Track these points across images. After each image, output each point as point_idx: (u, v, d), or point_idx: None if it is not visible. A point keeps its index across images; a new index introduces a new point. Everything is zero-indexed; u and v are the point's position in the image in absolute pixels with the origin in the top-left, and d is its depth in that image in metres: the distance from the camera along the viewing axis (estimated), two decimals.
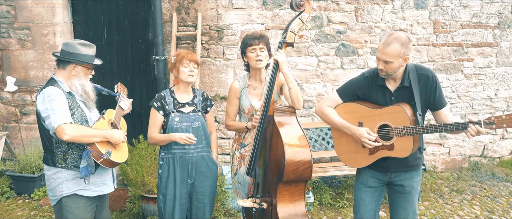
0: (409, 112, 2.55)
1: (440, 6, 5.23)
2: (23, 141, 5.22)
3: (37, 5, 5.08)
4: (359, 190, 2.87)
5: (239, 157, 3.29)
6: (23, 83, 5.23)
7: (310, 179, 2.84)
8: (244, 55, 3.15)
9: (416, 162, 2.75)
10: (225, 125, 3.36)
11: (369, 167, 2.79)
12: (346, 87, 2.82)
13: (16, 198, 4.76)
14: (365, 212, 2.84)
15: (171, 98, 3.11)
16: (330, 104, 2.83)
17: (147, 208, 4.13)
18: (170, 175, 3.08)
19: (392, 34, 2.56)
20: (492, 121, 2.33)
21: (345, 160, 2.87)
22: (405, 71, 2.62)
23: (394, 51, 2.49)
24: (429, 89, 2.60)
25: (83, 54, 2.69)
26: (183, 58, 3.03)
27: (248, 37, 3.12)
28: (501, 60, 5.50)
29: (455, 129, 2.41)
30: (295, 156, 2.73)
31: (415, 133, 2.51)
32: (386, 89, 2.67)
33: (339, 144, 2.86)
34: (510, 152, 5.76)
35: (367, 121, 2.68)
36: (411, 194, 2.78)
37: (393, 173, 2.75)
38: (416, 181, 2.78)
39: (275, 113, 2.88)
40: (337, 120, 2.77)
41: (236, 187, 3.38)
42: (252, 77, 3.22)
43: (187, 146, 3.04)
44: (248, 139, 3.24)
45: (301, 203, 2.89)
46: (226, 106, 3.32)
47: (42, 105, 2.57)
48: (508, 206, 4.62)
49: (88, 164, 2.57)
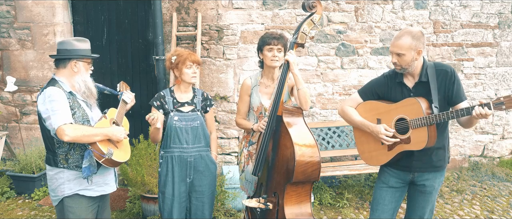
0: (424, 104, 2.57)
1: (440, 6, 5.23)
2: (23, 141, 5.21)
3: (37, 5, 5.08)
4: (379, 189, 2.88)
5: (247, 155, 3.30)
6: (23, 83, 5.23)
7: (317, 180, 2.84)
8: (260, 52, 3.15)
9: (440, 163, 2.74)
10: (235, 122, 3.39)
11: (392, 166, 2.80)
12: (366, 87, 2.88)
13: (16, 198, 4.75)
14: (383, 212, 2.84)
15: (171, 98, 3.11)
16: (351, 104, 2.89)
17: (147, 208, 4.13)
18: (169, 173, 3.10)
19: (404, 29, 2.63)
20: (501, 101, 2.32)
21: (367, 159, 2.90)
22: (423, 67, 2.65)
23: (405, 43, 2.55)
24: (447, 84, 2.61)
25: (81, 49, 2.69)
26: (186, 60, 3.02)
27: (267, 36, 3.12)
28: (501, 60, 5.50)
29: (466, 113, 2.41)
30: (304, 157, 2.73)
31: (429, 123, 2.52)
32: (405, 86, 2.70)
33: (360, 143, 2.90)
34: (510, 151, 5.77)
35: (385, 116, 2.72)
36: (432, 194, 2.78)
37: (417, 173, 2.75)
38: (438, 182, 2.78)
39: (284, 114, 2.88)
40: (357, 119, 2.82)
41: (243, 184, 3.39)
42: (264, 76, 3.23)
43: (185, 145, 3.05)
44: (256, 137, 3.25)
45: (307, 204, 2.89)
46: (237, 102, 3.34)
47: (42, 106, 2.56)
48: (508, 206, 4.63)
49: (90, 164, 2.57)
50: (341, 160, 5.20)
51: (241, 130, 4.97)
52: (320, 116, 5.27)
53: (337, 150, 4.98)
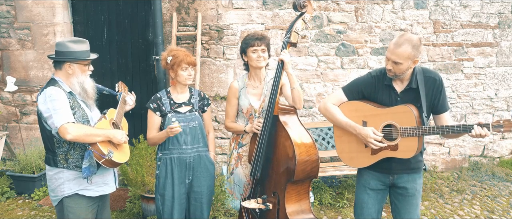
0: (416, 113, 2.54)
1: (440, 6, 5.23)
2: (23, 141, 5.22)
3: (37, 5, 5.08)
4: (361, 192, 2.83)
5: (237, 157, 3.27)
6: (23, 83, 5.23)
7: (316, 177, 2.85)
8: (244, 55, 3.14)
9: (418, 164, 2.73)
10: (225, 126, 3.35)
11: (371, 168, 2.75)
12: (352, 85, 2.78)
13: (16, 198, 4.76)
14: (368, 215, 2.81)
15: (168, 99, 3.09)
16: (334, 102, 2.78)
17: (147, 208, 4.13)
18: (168, 176, 3.07)
19: (404, 35, 2.53)
20: (501, 124, 2.32)
21: (346, 159, 2.84)
22: (413, 73, 2.60)
23: (404, 52, 2.46)
24: (434, 93, 2.59)
25: (76, 51, 2.67)
26: (181, 62, 2.98)
27: (250, 37, 3.11)
28: (501, 60, 5.50)
29: (462, 131, 2.39)
30: (304, 155, 2.75)
31: (421, 134, 2.49)
32: (393, 90, 2.65)
33: (340, 142, 2.82)
34: (510, 151, 5.77)
35: (372, 120, 2.65)
36: (415, 197, 2.74)
37: (396, 175, 2.72)
38: (419, 183, 2.75)
39: (280, 113, 2.88)
40: (341, 119, 2.72)
41: (231, 187, 3.35)
42: (251, 77, 3.21)
43: (184, 145, 3.04)
44: (246, 138, 3.22)
45: (306, 201, 2.91)
46: (226, 106, 3.32)
47: (43, 106, 2.56)
48: (508, 206, 4.62)
49: (90, 164, 2.57)
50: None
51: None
52: (320, 115, 5.27)
53: None
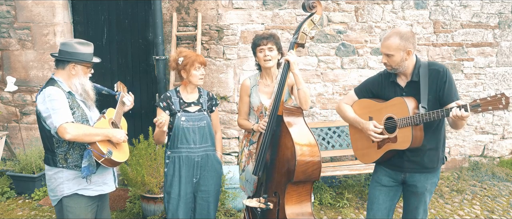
0: (411, 104, 2.57)
1: (440, 6, 5.23)
2: (23, 141, 5.22)
3: (37, 5, 5.08)
4: (373, 188, 2.91)
5: (248, 154, 3.31)
6: (23, 83, 5.23)
7: (318, 179, 2.85)
8: (255, 56, 3.20)
9: (432, 164, 2.72)
10: (237, 123, 3.42)
11: (384, 165, 2.82)
12: (362, 85, 2.92)
13: (16, 198, 4.76)
14: (378, 210, 2.85)
15: (177, 98, 3.13)
16: (347, 102, 2.95)
17: (147, 208, 4.13)
18: (175, 174, 3.10)
19: (394, 29, 2.65)
20: (478, 103, 2.32)
21: (359, 156, 2.94)
22: (415, 66, 2.65)
23: (393, 43, 2.57)
24: (438, 84, 2.59)
25: (82, 53, 2.69)
26: (194, 62, 3.04)
27: (257, 38, 3.16)
28: (501, 60, 5.50)
29: (446, 114, 2.41)
30: (305, 156, 2.74)
31: (413, 123, 2.52)
32: (397, 85, 2.72)
33: (354, 141, 2.95)
34: (510, 151, 5.76)
35: (376, 114, 2.75)
36: (424, 195, 2.77)
37: (408, 173, 2.75)
38: (430, 183, 2.76)
39: (285, 113, 2.89)
40: (350, 115, 2.87)
41: (243, 184, 3.39)
42: (263, 76, 3.25)
43: (192, 145, 3.07)
44: (257, 136, 3.25)
45: (308, 204, 2.90)
46: (238, 104, 3.36)
47: (42, 105, 2.56)
48: (508, 206, 4.62)
49: (89, 164, 2.58)
50: (341, 160, 5.20)
51: (241, 130, 4.97)
52: (320, 115, 5.27)
53: (337, 150, 4.98)
